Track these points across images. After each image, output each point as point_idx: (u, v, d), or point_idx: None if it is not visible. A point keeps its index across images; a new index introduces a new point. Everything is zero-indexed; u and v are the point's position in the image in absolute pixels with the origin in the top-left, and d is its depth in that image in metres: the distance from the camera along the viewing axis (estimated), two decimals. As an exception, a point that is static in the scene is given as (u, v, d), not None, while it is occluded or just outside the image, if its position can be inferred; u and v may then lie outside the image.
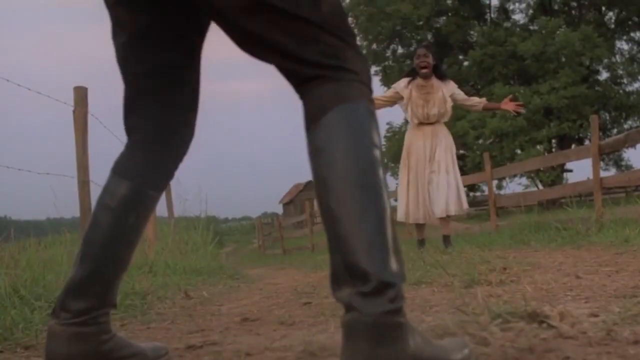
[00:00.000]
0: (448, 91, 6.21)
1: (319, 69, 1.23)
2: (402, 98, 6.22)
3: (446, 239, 6.20)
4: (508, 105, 6.32)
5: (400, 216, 6.25)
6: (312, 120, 1.22)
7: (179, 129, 1.57)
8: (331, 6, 1.27)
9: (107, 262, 1.50)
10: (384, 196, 1.17)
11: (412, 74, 6.27)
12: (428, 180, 6.12)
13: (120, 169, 1.55)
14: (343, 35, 1.27)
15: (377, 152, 1.19)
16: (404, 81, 6.24)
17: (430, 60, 6.16)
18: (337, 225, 1.14)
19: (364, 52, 27.23)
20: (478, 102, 6.48)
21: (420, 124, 6.21)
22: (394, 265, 1.12)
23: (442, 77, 6.29)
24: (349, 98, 1.21)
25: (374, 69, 29.33)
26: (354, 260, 1.11)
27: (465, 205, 6.34)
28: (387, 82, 28.72)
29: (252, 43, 1.29)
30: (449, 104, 6.21)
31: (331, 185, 1.16)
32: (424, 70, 6.11)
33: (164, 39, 1.46)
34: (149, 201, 1.57)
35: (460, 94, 6.31)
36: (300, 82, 1.26)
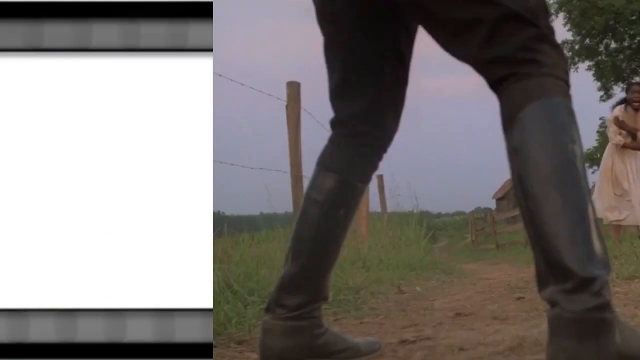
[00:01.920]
0: None
1: (512, 66, 1.19)
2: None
3: None
4: None
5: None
6: (507, 120, 1.19)
7: (384, 121, 1.55)
8: None
9: (318, 257, 1.51)
10: (584, 191, 1.12)
11: (622, 103, 6.93)
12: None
13: (326, 162, 1.56)
14: (543, 27, 1.21)
15: (575, 148, 1.14)
16: (620, 108, 6.86)
17: None
18: (537, 225, 1.12)
19: (576, 47, 25.34)
20: None
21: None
22: (596, 259, 1.08)
23: None
24: (542, 95, 1.16)
25: (586, 64, 27.73)
26: (556, 259, 1.08)
27: None
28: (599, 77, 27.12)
29: (450, 36, 1.27)
30: None
31: (529, 185, 1.14)
32: (636, 104, 6.76)
33: (371, 31, 1.45)
34: (357, 193, 1.56)
35: None
36: (494, 80, 1.23)
